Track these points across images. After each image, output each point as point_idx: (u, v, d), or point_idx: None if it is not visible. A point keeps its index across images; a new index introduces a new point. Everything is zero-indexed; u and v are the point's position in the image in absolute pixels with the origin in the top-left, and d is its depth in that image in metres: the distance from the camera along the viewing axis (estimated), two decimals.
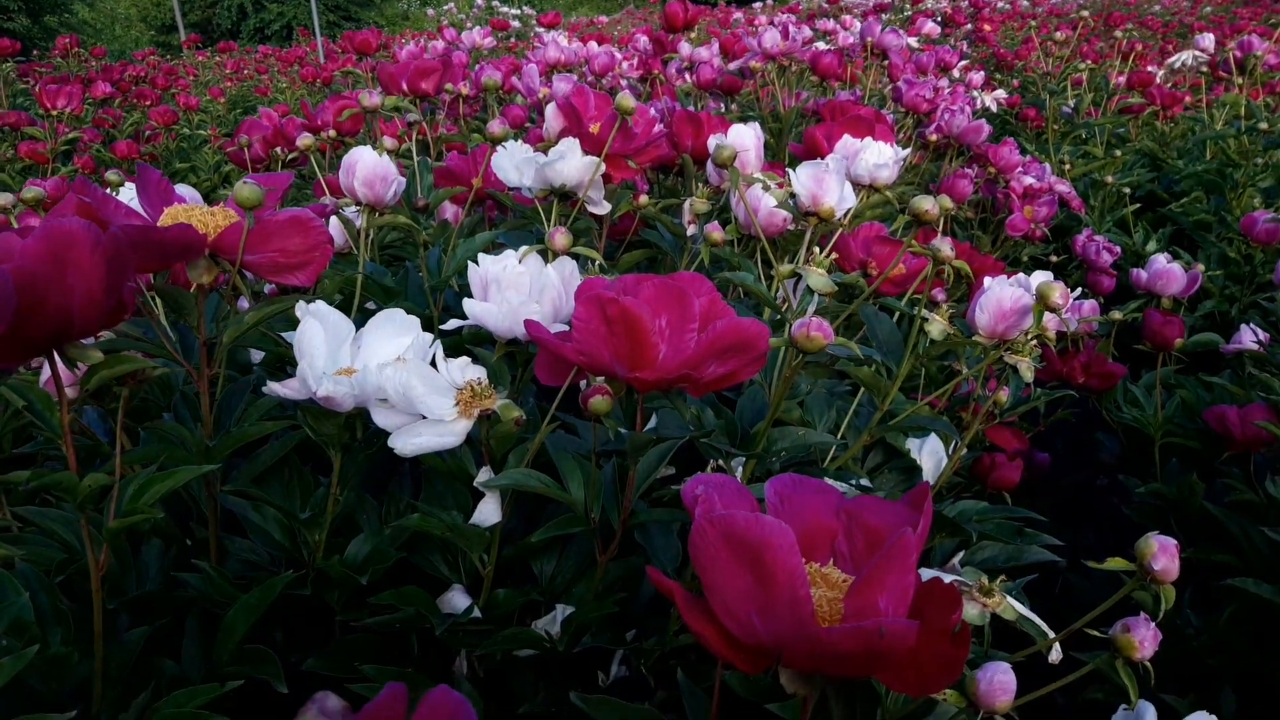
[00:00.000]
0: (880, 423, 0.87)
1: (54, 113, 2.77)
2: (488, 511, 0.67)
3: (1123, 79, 2.52)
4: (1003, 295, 0.78)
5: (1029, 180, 1.56)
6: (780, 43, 1.71)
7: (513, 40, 4.77)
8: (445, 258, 1.05)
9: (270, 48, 7.66)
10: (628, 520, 0.67)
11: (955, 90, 1.96)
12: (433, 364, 0.66)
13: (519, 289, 0.73)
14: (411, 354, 0.65)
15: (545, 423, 0.67)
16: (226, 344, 0.71)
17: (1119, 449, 1.43)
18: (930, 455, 0.97)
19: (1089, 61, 3.01)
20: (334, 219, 1.14)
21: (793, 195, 0.82)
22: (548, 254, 0.81)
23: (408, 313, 0.96)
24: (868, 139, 1.07)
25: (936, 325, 0.79)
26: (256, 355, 1.06)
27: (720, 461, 0.77)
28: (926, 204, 0.68)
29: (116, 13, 15.08)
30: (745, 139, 1.01)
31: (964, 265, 0.80)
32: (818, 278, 0.70)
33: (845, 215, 0.83)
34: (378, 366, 0.64)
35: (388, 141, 1.15)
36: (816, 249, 0.74)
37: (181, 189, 0.79)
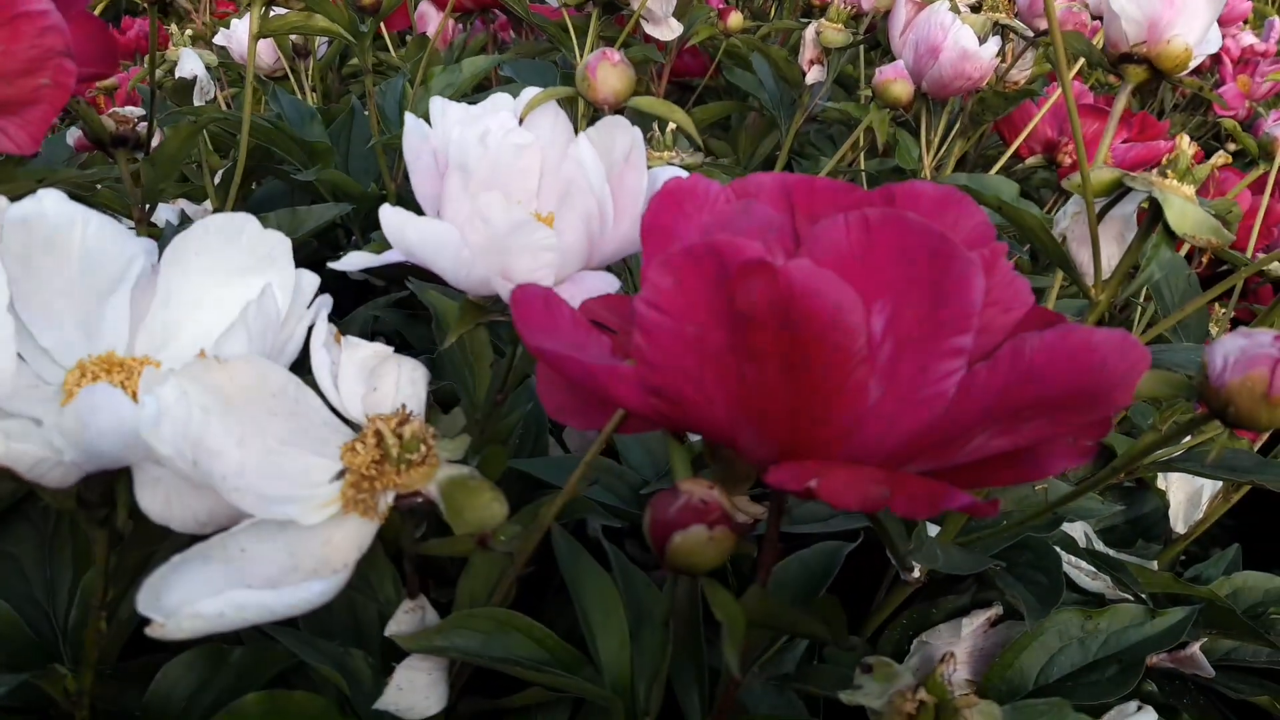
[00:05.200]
0: (1140, 455, 0.49)
1: None
2: (417, 690, 0.30)
3: None
4: None
5: (1250, 41, 1.12)
6: None
7: None
8: (413, 93, 0.65)
9: None
10: None
11: None
12: (302, 367, 0.28)
13: (515, 185, 0.34)
14: (245, 338, 0.27)
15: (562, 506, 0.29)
16: None
17: None
18: (1181, 485, 0.59)
19: None
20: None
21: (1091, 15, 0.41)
22: (579, 107, 0.42)
23: (338, 189, 0.58)
24: None
25: None
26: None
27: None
28: None
29: None
30: None
31: None
32: (1185, 205, 0.31)
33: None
34: (152, 376, 0.26)
35: None
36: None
37: None
